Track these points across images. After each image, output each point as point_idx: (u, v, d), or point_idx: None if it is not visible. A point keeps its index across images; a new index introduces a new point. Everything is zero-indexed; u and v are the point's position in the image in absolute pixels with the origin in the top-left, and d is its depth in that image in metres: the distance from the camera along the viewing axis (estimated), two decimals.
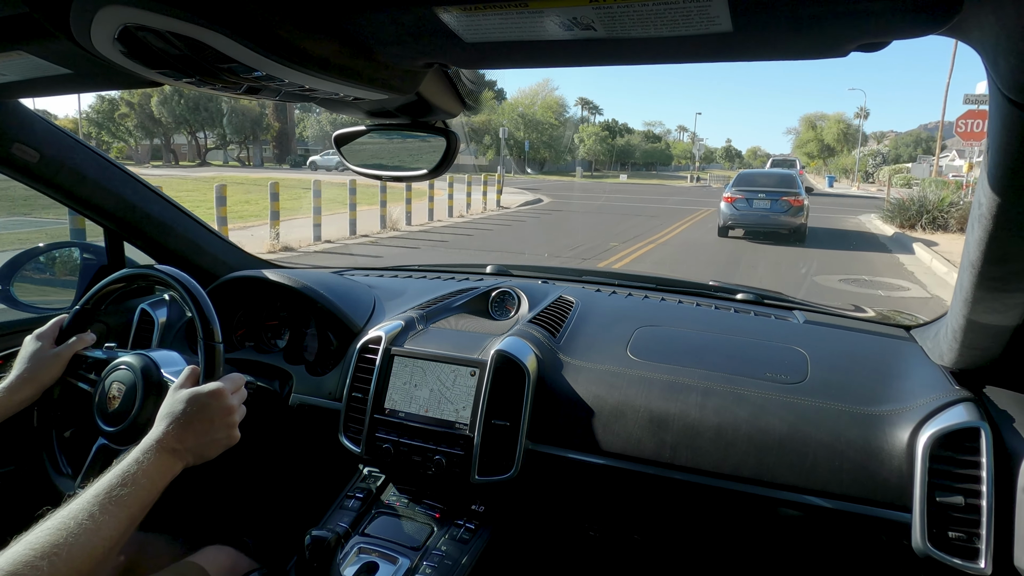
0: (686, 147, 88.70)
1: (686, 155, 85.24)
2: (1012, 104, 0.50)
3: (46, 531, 0.68)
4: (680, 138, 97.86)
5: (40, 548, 0.65)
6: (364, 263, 4.32)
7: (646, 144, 70.97)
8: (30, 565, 0.63)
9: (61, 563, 0.65)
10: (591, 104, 76.26)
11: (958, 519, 0.91)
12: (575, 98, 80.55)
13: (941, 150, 32.01)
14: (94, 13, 0.52)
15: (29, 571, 0.63)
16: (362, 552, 1.07)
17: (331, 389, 1.33)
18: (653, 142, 74.55)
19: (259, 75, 0.62)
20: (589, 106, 74.28)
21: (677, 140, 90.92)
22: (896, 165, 45.44)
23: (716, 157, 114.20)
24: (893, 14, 0.47)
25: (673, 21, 0.50)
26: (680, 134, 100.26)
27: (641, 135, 73.91)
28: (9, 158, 1.24)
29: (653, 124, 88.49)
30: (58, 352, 1.10)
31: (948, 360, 1.06)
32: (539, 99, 51.26)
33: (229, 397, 0.93)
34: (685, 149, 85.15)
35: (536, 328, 1.29)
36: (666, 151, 75.43)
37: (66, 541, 0.67)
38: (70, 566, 0.66)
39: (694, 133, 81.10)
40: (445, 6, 0.50)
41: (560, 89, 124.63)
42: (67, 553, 0.66)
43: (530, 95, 51.61)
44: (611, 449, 1.10)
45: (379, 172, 1.08)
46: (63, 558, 0.66)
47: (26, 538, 0.67)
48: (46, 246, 1.66)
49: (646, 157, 70.09)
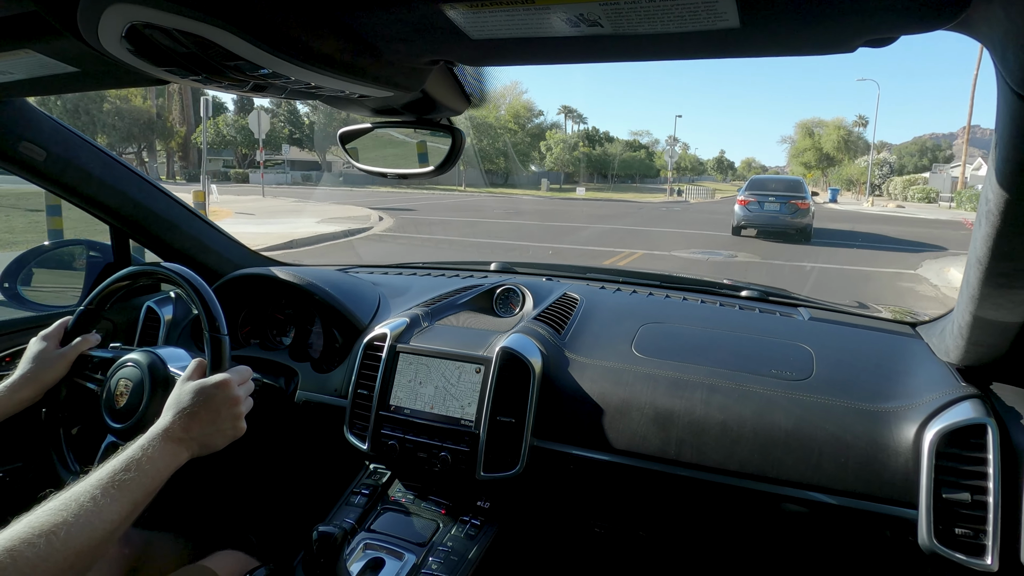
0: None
1: (673, 166, 79.80)
2: (1021, 99, 0.50)
3: (47, 511, 0.68)
4: (669, 148, 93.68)
5: (39, 527, 0.65)
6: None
7: (625, 153, 63.98)
8: (27, 542, 0.63)
9: (59, 542, 0.65)
10: (574, 112, 66.95)
11: (965, 515, 0.91)
12: (558, 105, 73.19)
13: (950, 160, 30.38)
14: (101, 11, 0.52)
15: (26, 548, 0.63)
16: (368, 548, 1.08)
17: (336, 386, 1.33)
18: (634, 151, 66.90)
19: (265, 72, 0.62)
20: (572, 114, 65.63)
21: (666, 150, 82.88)
22: (911, 175, 41.33)
23: (708, 168, 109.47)
24: (901, 9, 0.47)
25: (680, 17, 0.50)
26: (672, 145, 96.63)
27: (623, 144, 67.24)
28: (16, 156, 1.25)
29: (640, 134, 78.65)
30: (63, 353, 1.11)
31: (954, 357, 1.06)
32: (505, 103, 46.49)
33: (235, 388, 0.93)
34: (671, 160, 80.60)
35: (541, 325, 1.29)
36: (647, 161, 67.62)
37: (65, 521, 0.67)
38: (68, 546, 0.65)
39: (672, 136, 72.03)
40: (451, 3, 0.50)
41: (530, 93, 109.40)
42: (65, 533, 0.66)
43: (494, 97, 47.02)
44: (616, 446, 1.10)
45: (384, 170, 1.08)
46: (61, 538, 0.65)
47: (26, 518, 0.67)
48: (52, 244, 1.66)
49: (625, 168, 62.71)
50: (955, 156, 33.59)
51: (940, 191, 27.81)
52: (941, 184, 27.60)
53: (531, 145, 50.15)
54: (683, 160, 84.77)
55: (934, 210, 25.95)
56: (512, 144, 44.76)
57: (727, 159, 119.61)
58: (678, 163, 79.43)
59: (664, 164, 64.40)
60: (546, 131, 53.74)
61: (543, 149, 51.63)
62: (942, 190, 29.02)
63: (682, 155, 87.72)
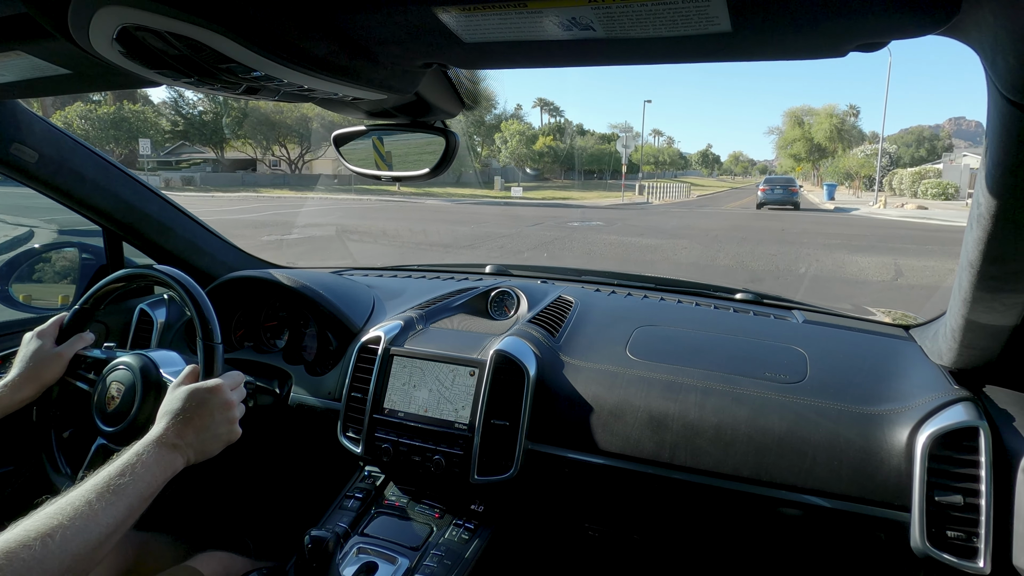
0: (652, 150, 74.52)
1: (650, 160, 69.63)
2: (1011, 104, 0.50)
3: (43, 516, 0.68)
4: (653, 142, 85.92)
5: (35, 530, 0.66)
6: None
7: (595, 147, 55.48)
8: (23, 545, 0.63)
9: (55, 546, 0.65)
10: (551, 105, 63.74)
11: (957, 518, 0.91)
12: (533, 99, 68.82)
13: (949, 149, 25.93)
14: (92, 13, 0.52)
15: (22, 550, 0.63)
16: (361, 552, 1.07)
17: (330, 389, 1.33)
18: (607, 143, 57.31)
19: (258, 75, 0.62)
20: (549, 107, 62.44)
21: (647, 144, 74.80)
22: (920, 167, 33.11)
23: (692, 163, 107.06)
24: (891, 15, 0.47)
25: (672, 21, 0.50)
26: (655, 138, 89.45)
27: (596, 137, 60.51)
28: (8, 158, 1.24)
29: (619, 127, 67.60)
30: (59, 351, 1.11)
31: (947, 360, 1.06)
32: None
33: (228, 392, 0.94)
34: (650, 153, 71.10)
35: (535, 328, 1.29)
36: (617, 155, 57.21)
37: (61, 524, 0.67)
38: (64, 549, 0.66)
39: (624, 123, 66.38)
40: (444, 6, 0.50)
41: (506, 81, 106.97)
42: (61, 536, 0.66)
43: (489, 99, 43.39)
44: (610, 449, 1.10)
45: (378, 172, 1.08)
46: (57, 541, 0.66)
47: (23, 522, 0.67)
48: (44, 246, 1.66)
49: (595, 162, 54.79)
50: (954, 146, 31.74)
51: (957, 185, 22.67)
52: (957, 177, 22.89)
53: (486, 138, 44.63)
54: (663, 154, 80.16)
55: (963, 210, 18.33)
56: (468, 136, 39.94)
57: (713, 153, 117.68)
58: (656, 157, 74.13)
59: (638, 159, 57.58)
60: (502, 122, 47.95)
61: (499, 142, 45.93)
62: (958, 183, 23.33)
63: (665, 149, 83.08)
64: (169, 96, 37.30)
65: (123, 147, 31.81)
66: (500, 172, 41.98)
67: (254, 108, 33.23)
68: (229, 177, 33.66)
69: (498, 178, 36.16)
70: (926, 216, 18.54)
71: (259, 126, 33.98)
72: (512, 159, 46.55)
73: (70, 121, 31.15)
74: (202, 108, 35.73)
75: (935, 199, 24.99)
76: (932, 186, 25.63)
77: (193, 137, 36.83)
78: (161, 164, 37.72)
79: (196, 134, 36.31)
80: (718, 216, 19.28)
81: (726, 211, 22.21)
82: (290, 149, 36.26)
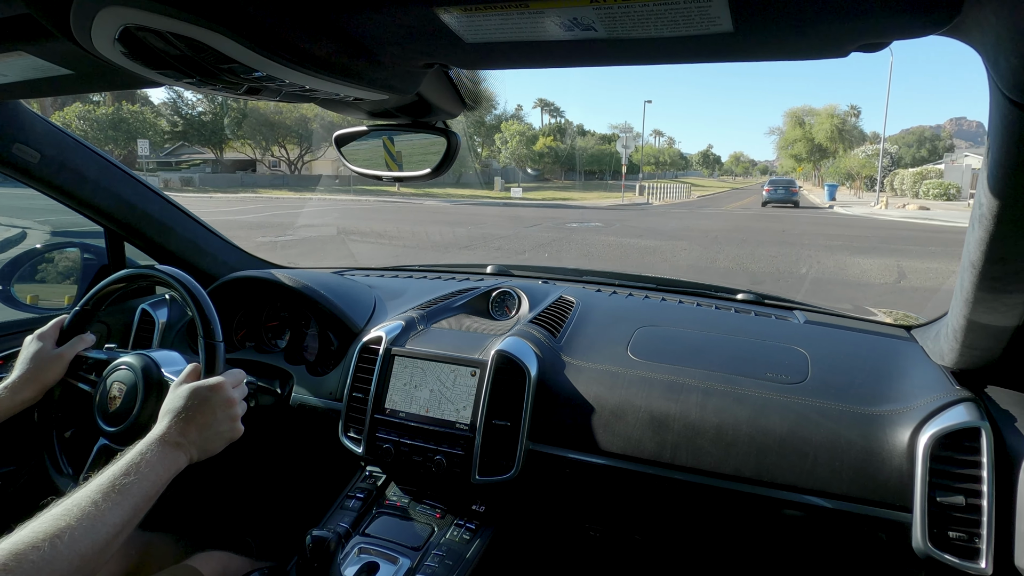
0: (652, 151, 73.88)
1: (651, 160, 69.08)
2: (1012, 104, 0.50)
3: (50, 517, 0.69)
4: (654, 142, 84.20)
5: (43, 532, 0.66)
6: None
7: (595, 147, 55.22)
8: (32, 546, 0.64)
9: (63, 546, 0.66)
10: (551, 105, 63.18)
11: (959, 519, 0.91)
12: (534, 99, 68.28)
13: (950, 150, 25.64)
14: (94, 14, 0.52)
15: (31, 551, 0.64)
16: (363, 552, 1.07)
17: (332, 389, 1.33)
18: (608, 144, 56.66)
19: (259, 75, 0.62)
20: (549, 108, 61.68)
21: (647, 144, 73.83)
22: (922, 168, 32.79)
23: (693, 163, 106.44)
24: (893, 15, 0.47)
25: (674, 21, 0.50)
26: (656, 139, 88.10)
27: (597, 137, 59.54)
28: (10, 159, 1.25)
29: (620, 127, 65.19)
30: (60, 352, 1.11)
31: (949, 360, 1.06)
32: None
33: (230, 390, 0.94)
34: (651, 153, 70.44)
35: (537, 328, 1.29)
36: (618, 156, 55.18)
37: (68, 525, 0.68)
38: (73, 550, 0.67)
39: (625, 123, 65.95)
40: (446, 6, 0.50)
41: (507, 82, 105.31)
42: (69, 537, 0.67)
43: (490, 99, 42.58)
44: (612, 449, 1.10)
45: (380, 172, 1.08)
46: (65, 542, 0.66)
47: (30, 524, 0.68)
48: (46, 247, 1.66)
49: (595, 163, 54.43)
50: (955, 147, 31.42)
51: (959, 185, 22.46)
52: (959, 177, 22.64)
53: (487, 139, 44.33)
54: (663, 154, 79.92)
55: (966, 211, 17.88)
56: (468, 136, 39.74)
57: (714, 153, 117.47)
58: (657, 157, 73.66)
59: (639, 160, 57.53)
60: (503, 123, 47.81)
61: (499, 143, 45.84)
62: (960, 184, 23.18)
63: (666, 149, 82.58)
64: (168, 97, 36.92)
65: (122, 148, 31.21)
66: (500, 173, 42.16)
67: (253, 109, 33.10)
68: (228, 178, 33.43)
69: (498, 179, 36.20)
70: (928, 217, 18.58)
71: (258, 127, 33.68)
72: (512, 160, 46.67)
73: (68, 122, 30.57)
74: (201, 109, 35.32)
75: (937, 199, 25.13)
76: (934, 186, 25.74)
77: (192, 138, 36.54)
78: (160, 165, 37.25)
79: (195, 135, 36.02)
80: (718, 217, 19.25)
81: (726, 212, 22.21)
82: (289, 150, 36.17)
